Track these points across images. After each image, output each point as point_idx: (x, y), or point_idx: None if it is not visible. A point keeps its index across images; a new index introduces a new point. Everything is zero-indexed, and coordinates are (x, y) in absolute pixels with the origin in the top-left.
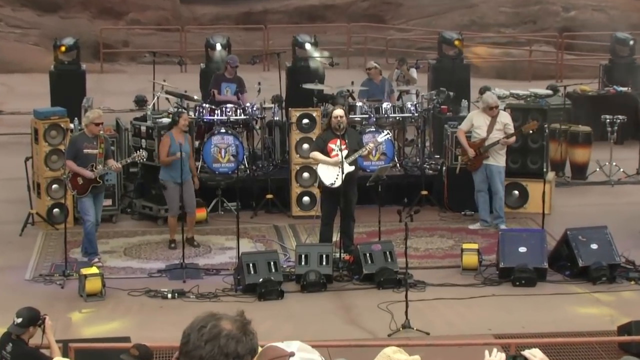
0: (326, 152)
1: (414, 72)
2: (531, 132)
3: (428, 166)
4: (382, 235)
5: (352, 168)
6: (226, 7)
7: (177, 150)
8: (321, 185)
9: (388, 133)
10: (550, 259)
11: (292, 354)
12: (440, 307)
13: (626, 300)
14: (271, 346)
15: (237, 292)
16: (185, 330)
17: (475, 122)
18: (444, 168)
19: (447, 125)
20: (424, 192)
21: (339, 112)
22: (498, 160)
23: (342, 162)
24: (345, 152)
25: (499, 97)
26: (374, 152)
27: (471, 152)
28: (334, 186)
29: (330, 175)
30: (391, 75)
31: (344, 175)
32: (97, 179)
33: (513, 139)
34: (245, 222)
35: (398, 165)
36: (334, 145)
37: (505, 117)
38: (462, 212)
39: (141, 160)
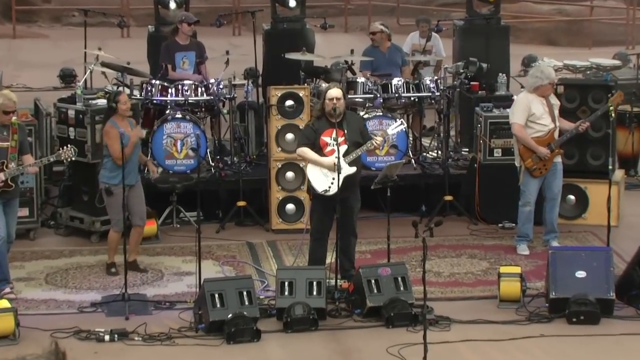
0: (318, 147)
1: (438, 42)
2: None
3: (453, 163)
4: (393, 255)
5: (353, 169)
6: None
7: (126, 143)
8: (312, 192)
9: (402, 123)
10: (618, 286)
11: None
12: (470, 352)
13: None
14: None
15: (198, 331)
16: None
17: (534, 108)
18: (475, 165)
19: (478, 108)
20: (448, 198)
21: (334, 92)
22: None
23: (338, 163)
24: (343, 148)
25: None
26: (381, 145)
27: (545, 152)
28: (328, 194)
29: (324, 179)
30: (411, 43)
31: (341, 179)
32: (9, 181)
33: (587, 124)
34: (210, 237)
35: (413, 161)
36: (329, 138)
37: (554, 97)
38: (500, 224)
39: (69, 157)
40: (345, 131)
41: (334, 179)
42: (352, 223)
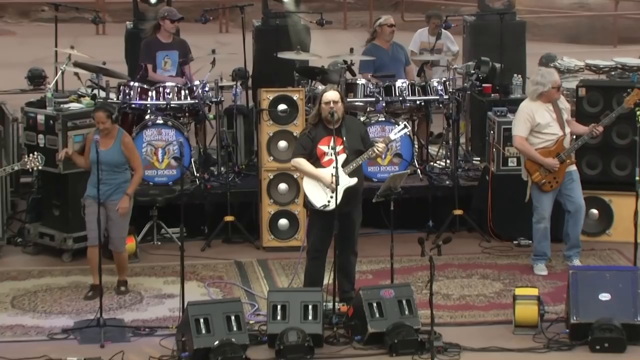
0: (315, 157)
1: (448, 39)
2: (634, 107)
3: (464, 173)
4: (397, 275)
5: (354, 181)
6: None
7: (93, 158)
8: (309, 207)
9: (405, 126)
10: None
11: None
12: None
13: None
14: None
15: None
16: None
17: (539, 117)
18: (488, 176)
19: (491, 113)
20: (458, 212)
21: (331, 94)
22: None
23: (336, 176)
24: (342, 157)
25: (569, 71)
26: (384, 154)
27: (553, 163)
28: (327, 209)
29: (323, 193)
30: (419, 41)
31: (341, 192)
32: None
33: (601, 128)
34: (194, 256)
35: (419, 172)
36: (326, 147)
37: (563, 101)
38: (515, 242)
39: (35, 167)
40: (344, 138)
41: (333, 192)
42: (353, 240)
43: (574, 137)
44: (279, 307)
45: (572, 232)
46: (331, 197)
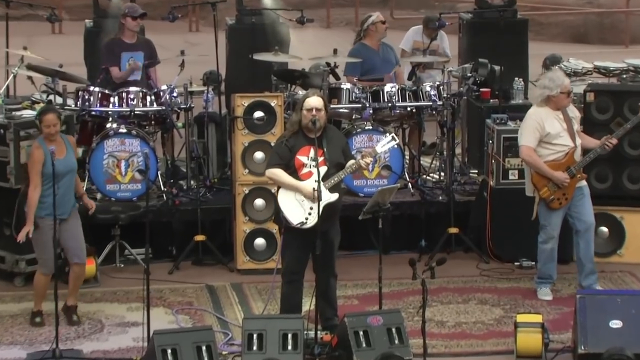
0: (293, 169)
1: (444, 40)
2: None
3: (460, 187)
4: (386, 300)
5: (335, 197)
6: None
7: (59, 166)
8: (284, 224)
9: (393, 138)
10: None
11: None
12: None
13: None
14: None
15: None
16: None
17: (549, 126)
18: (486, 192)
19: (490, 121)
20: (454, 230)
21: (314, 100)
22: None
23: (318, 189)
24: (323, 170)
25: (576, 73)
26: (371, 166)
27: (564, 178)
28: (305, 226)
29: (300, 208)
30: (412, 40)
31: (322, 209)
32: None
33: (615, 141)
34: (161, 280)
35: (410, 186)
36: (306, 158)
37: (573, 109)
38: (517, 263)
39: None
40: (325, 149)
41: (312, 208)
42: (333, 261)
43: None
44: (255, 336)
45: (585, 256)
46: (309, 213)
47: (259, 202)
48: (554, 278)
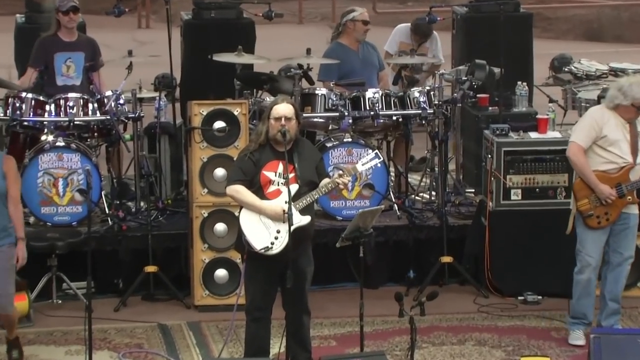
0: (258, 186)
1: (436, 41)
2: None
3: (454, 209)
4: (368, 341)
5: (307, 220)
6: None
7: None
8: (246, 249)
9: (376, 155)
10: None
11: None
12: None
13: None
14: None
15: None
16: None
17: (608, 129)
18: (484, 213)
19: (489, 131)
20: (447, 259)
21: (283, 108)
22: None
23: (289, 210)
24: (293, 188)
25: (588, 76)
26: (350, 184)
27: (608, 193)
28: (270, 252)
29: (265, 231)
30: (398, 41)
31: (290, 233)
32: None
33: None
34: (105, 318)
35: (397, 207)
36: (273, 174)
37: None
38: (520, 297)
39: None
40: (296, 165)
41: (279, 232)
42: (304, 295)
43: None
44: None
45: (611, 293)
46: (276, 237)
47: (220, 227)
48: (590, 318)
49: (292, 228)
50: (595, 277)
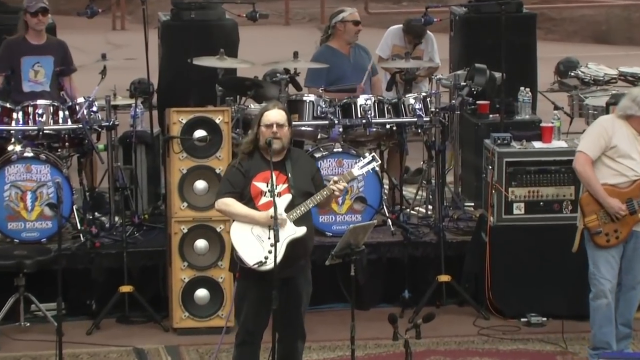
0: (248, 198)
1: (432, 43)
2: None
3: (452, 224)
4: None
5: (302, 231)
6: None
7: None
8: (239, 266)
9: (374, 158)
10: None
11: None
12: None
13: None
14: None
15: None
16: None
17: (619, 139)
18: (485, 229)
19: (489, 141)
20: (444, 278)
21: (275, 114)
22: None
23: (275, 226)
24: (287, 198)
25: (596, 82)
26: (340, 198)
27: (618, 207)
28: (264, 267)
29: (258, 245)
30: (391, 44)
31: (284, 247)
32: None
33: None
34: (77, 342)
35: (390, 222)
36: (265, 185)
37: None
38: (524, 319)
39: None
40: (289, 175)
41: (272, 245)
42: (300, 317)
43: None
44: None
45: (623, 317)
46: (269, 251)
47: (201, 243)
48: (613, 347)
49: (285, 241)
50: (613, 300)
